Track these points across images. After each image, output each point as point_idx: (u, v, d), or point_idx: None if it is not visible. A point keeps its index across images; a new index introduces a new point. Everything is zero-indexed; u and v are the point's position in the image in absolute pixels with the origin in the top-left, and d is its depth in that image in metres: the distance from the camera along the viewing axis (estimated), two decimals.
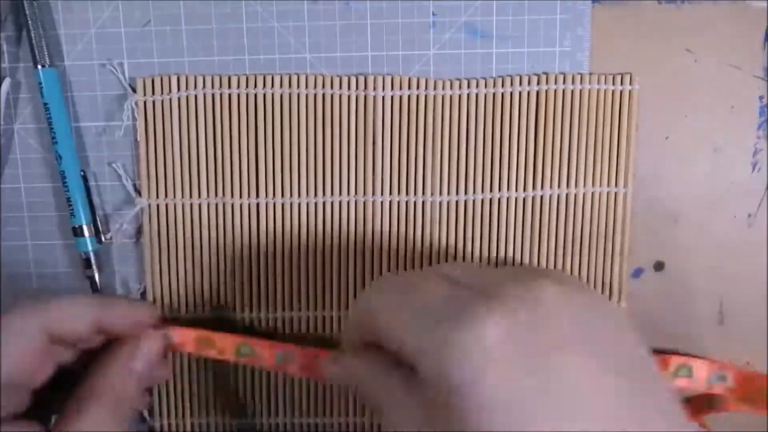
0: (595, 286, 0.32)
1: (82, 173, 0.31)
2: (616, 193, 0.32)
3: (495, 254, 0.32)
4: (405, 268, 0.32)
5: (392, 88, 0.31)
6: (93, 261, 0.32)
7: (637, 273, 0.32)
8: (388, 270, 0.32)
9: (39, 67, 0.30)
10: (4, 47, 0.31)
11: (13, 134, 0.32)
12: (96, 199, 0.32)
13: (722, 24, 0.31)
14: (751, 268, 0.32)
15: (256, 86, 0.31)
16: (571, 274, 0.32)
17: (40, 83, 0.30)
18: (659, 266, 0.33)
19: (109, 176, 0.32)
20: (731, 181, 0.32)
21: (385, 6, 0.31)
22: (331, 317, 0.32)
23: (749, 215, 0.32)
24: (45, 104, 0.30)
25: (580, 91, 0.31)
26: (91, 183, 0.32)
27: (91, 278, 0.32)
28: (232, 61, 0.31)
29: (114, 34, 0.31)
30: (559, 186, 0.31)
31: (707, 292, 0.33)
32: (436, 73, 0.31)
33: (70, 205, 0.31)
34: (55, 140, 0.30)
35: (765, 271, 0.32)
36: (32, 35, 0.30)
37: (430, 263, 0.32)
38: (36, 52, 0.30)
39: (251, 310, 0.32)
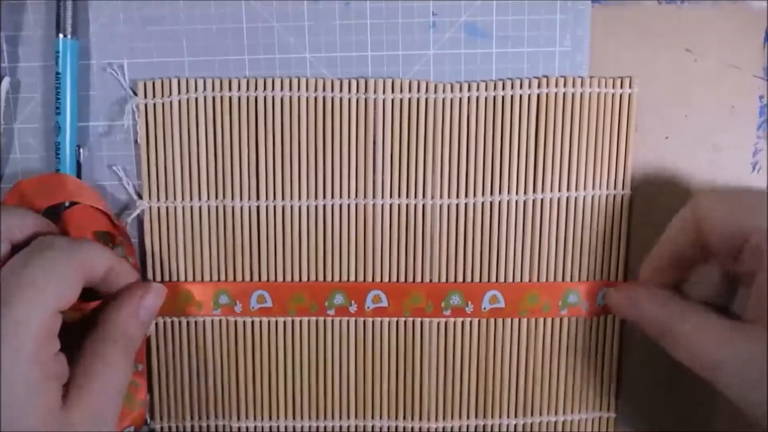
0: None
1: (77, 147, 0.31)
2: (615, 196, 0.32)
3: (495, 257, 0.32)
4: (405, 271, 0.32)
5: (392, 91, 0.31)
6: None
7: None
8: (388, 270, 0.32)
9: (60, 36, 0.30)
10: (4, 47, 0.31)
11: (13, 134, 0.32)
12: None
13: (722, 24, 0.31)
14: None
15: (256, 89, 0.31)
16: (572, 277, 0.32)
17: (58, 52, 0.30)
18: None
19: (110, 178, 0.32)
20: (731, 181, 0.32)
21: (385, 6, 0.31)
22: (332, 317, 0.32)
23: None
24: (57, 73, 0.30)
25: (581, 94, 0.31)
26: (92, 184, 0.32)
27: None
28: (232, 61, 0.31)
29: (114, 35, 0.31)
30: (559, 189, 0.31)
31: None
32: (436, 73, 0.31)
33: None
34: (59, 111, 0.30)
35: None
36: (60, 3, 0.30)
37: (431, 266, 0.32)
38: (61, 20, 0.30)
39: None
